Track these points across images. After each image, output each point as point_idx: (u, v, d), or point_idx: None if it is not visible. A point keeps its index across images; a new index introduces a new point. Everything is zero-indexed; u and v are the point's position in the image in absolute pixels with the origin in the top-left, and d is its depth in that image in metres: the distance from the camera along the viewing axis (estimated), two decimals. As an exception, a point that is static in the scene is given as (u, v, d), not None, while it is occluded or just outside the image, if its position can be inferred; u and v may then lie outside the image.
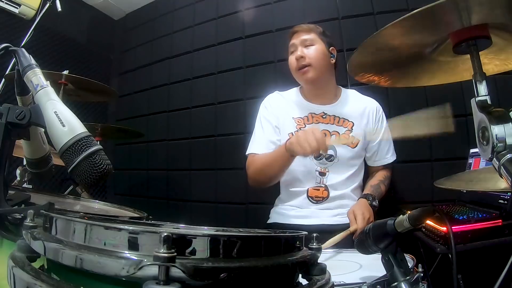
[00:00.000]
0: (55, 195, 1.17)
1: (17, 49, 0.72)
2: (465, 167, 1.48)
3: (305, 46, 1.49)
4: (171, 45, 2.71)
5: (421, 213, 0.71)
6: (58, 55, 2.55)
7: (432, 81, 0.86)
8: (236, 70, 2.35)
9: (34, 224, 0.50)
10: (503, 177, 0.56)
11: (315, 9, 2.15)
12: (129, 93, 2.91)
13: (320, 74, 1.50)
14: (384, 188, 1.50)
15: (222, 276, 0.38)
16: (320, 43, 1.50)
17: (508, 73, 0.81)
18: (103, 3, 2.92)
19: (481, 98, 0.63)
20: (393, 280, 0.72)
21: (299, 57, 1.47)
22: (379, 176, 1.54)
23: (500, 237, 1.07)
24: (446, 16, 0.61)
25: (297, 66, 1.49)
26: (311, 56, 1.47)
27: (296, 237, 0.51)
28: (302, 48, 1.49)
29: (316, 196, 1.48)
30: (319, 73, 1.49)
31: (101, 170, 0.64)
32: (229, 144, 2.27)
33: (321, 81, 1.52)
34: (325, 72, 1.52)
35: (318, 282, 0.48)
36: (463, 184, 0.99)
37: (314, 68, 1.47)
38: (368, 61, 0.78)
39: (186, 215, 2.40)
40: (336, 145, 1.48)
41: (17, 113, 0.66)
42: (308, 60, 1.47)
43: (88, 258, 0.39)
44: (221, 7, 2.50)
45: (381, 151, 1.56)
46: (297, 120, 1.54)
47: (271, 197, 1.68)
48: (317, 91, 1.56)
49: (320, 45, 1.50)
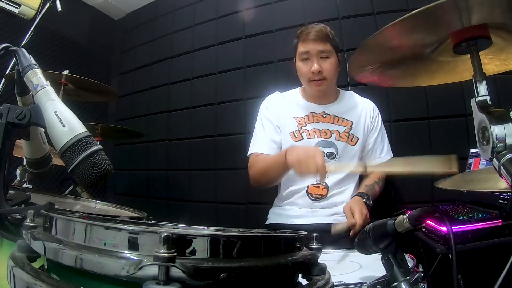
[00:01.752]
0: (55, 195, 1.17)
1: (17, 49, 0.72)
2: (465, 167, 1.48)
3: (320, 57, 1.48)
4: (171, 45, 2.71)
5: (421, 213, 0.71)
6: (58, 55, 2.55)
7: (432, 81, 0.86)
8: (236, 70, 2.35)
9: (34, 224, 0.50)
10: (503, 177, 0.56)
11: (315, 9, 2.15)
12: (129, 93, 2.91)
13: (332, 85, 1.56)
14: (379, 189, 1.51)
15: (222, 276, 0.38)
16: (334, 55, 1.50)
17: (508, 73, 0.81)
18: (103, 3, 2.92)
19: (481, 98, 0.62)
20: (393, 280, 0.72)
21: (316, 71, 1.46)
22: (374, 177, 1.54)
23: (500, 237, 1.07)
24: (446, 16, 0.61)
25: (312, 78, 1.49)
26: (327, 70, 1.48)
27: (296, 237, 0.51)
28: (319, 60, 1.47)
29: (315, 193, 1.49)
30: (331, 85, 1.55)
31: (101, 170, 0.64)
32: (229, 144, 2.28)
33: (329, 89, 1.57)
34: (334, 83, 1.57)
35: (318, 282, 0.48)
36: (463, 184, 0.99)
37: (329, 81, 1.51)
38: (368, 61, 0.78)
39: (186, 215, 2.40)
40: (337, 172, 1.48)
41: (17, 113, 0.66)
42: (325, 74, 1.48)
43: (88, 258, 0.39)
44: (221, 7, 2.50)
45: (375, 151, 1.58)
46: (298, 119, 1.56)
47: (271, 197, 1.68)
48: (319, 94, 1.58)
49: (334, 57, 1.50)
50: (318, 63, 1.46)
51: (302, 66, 1.52)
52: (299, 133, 1.54)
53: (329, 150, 1.50)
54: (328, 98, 1.60)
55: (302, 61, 1.51)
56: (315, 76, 1.48)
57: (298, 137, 1.53)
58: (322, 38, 1.47)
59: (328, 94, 1.60)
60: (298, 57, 1.53)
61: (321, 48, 1.47)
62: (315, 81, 1.49)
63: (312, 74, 1.48)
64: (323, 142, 1.51)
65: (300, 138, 1.53)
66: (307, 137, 1.53)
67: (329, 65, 1.48)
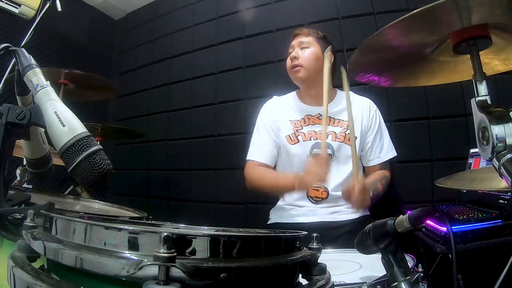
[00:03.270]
0: (55, 195, 1.17)
1: (17, 49, 0.72)
2: (465, 167, 1.48)
3: (301, 48, 1.56)
4: (171, 45, 2.71)
5: (421, 213, 0.71)
6: (58, 55, 2.55)
7: (432, 81, 0.86)
8: (236, 70, 2.35)
9: (34, 224, 0.50)
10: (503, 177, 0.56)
11: (315, 9, 2.15)
12: (129, 93, 2.91)
13: (311, 74, 1.55)
14: (381, 186, 1.48)
15: (222, 276, 0.38)
16: (316, 47, 1.56)
17: (508, 73, 0.81)
18: (103, 3, 2.92)
19: (481, 98, 0.63)
20: (393, 280, 0.72)
21: (292, 57, 1.55)
22: (376, 175, 1.53)
23: (500, 237, 1.07)
24: (446, 16, 0.61)
25: (291, 66, 1.56)
26: (303, 58, 1.54)
27: (296, 237, 0.51)
28: (298, 49, 1.56)
29: (315, 196, 1.49)
30: (310, 74, 1.55)
31: (101, 170, 0.64)
32: (229, 144, 2.28)
33: (313, 82, 1.56)
34: (316, 74, 1.54)
35: (318, 282, 0.48)
36: (464, 184, 0.99)
37: (305, 69, 1.54)
38: (368, 61, 0.78)
39: (186, 215, 2.40)
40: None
41: (17, 113, 0.66)
42: (300, 61, 1.54)
43: (88, 258, 0.39)
44: (221, 7, 2.50)
45: (374, 150, 1.56)
46: (293, 123, 1.57)
47: (271, 197, 1.68)
48: (311, 92, 1.59)
49: (315, 48, 1.55)
50: (296, 52, 1.55)
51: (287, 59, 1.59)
52: (295, 136, 1.54)
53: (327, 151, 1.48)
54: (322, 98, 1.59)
55: (289, 55, 1.59)
56: (292, 62, 1.55)
57: (294, 140, 1.54)
58: (305, 33, 1.58)
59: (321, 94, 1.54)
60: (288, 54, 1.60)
61: (302, 39, 1.57)
62: (292, 68, 1.55)
63: (290, 61, 1.56)
64: (319, 144, 1.50)
65: (296, 141, 1.54)
66: (303, 139, 1.53)
67: (306, 53, 1.54)
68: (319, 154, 1.41)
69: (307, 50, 1.55)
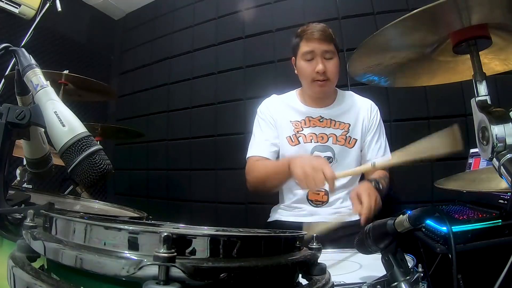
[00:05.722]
0: (55, 195, 1.17)
1: (17, 49, 0.72)
2: (465, 167, 1.47)
3: (325, 58, 1.46)
4: (171, 45, 2.71)
5: (421, 213, 0.71)
6: (58, 55, 2.55)
7: (432, 81, 0.86)
8: (236, 70, 2.35)
9: (34, 224, 0.50)
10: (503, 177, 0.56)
11: (315, 9, 2.15)
12: (129, 93, 2.91)
13: (333, 86, 1.54)
14: (384, 184, 1.43)
15: (222, 276, 0.38)
16: (336, 56, 1.49)
17: (508, 73, 0.81)
18: (103, 3, 2.92)
19: (481, 98, 0.63)
20: (393, 280, 0.72)
21: (321, 71, 1.44)
22: (377, 174, 1.51)
23: (500, 237, 1.07)
24: (446, 16, 0.61)
25: (316, 78, 1.46)
26: (331, 71, 1.46)
27: (296, 237, 0.51)
28: (323, 60, 1.45)
29: (316, 200, 1.48)
30: (333, 86, 1.54)
31: (101, 170, 0.64)
32: (229, 144, 2.28)
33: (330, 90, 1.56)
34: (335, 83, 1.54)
35: (318, 282, 0.48)
36: (464, 184, 0.99)
37: (331, 82, 1.49)
38: (368, 61, 0.78)
39: (186, 215, 2.40)
40: (346, 176, 1.46)
41: (17, 113, 0.66)
42: (328, 75, 1.46)
43: (88, 258, 0.39)
44: (221, 7, 2.50)
45: (371, 151, 1.53)
46: (294, 124, 1.54)
47: (271, 197, 1.68)
48: (320, 95, 1.56)
49: (337, 58, 1.49)
50: (323, 63, 1.44)
51: (305, 66, 1.48)
52: (296, 138, 1.52)
53: (326, 155, 1.48)
54: (326, 100, 1.57)
55: (306, 61, 1.48)
56: (319, 76, 1.45)
57: (295, 141, 1.52)
58: (327, 38, 1.46)
59: (327, 96, 1.57)
60: (301, 57, 1.49)
61: (325, 48, 1.45)
62: (319, 81, 1.46)
63: (316, 74, 1.45)
64: (320, 147, 1.49)
65: (296, 142, 1.51)
66: (304, 141, 1.51)
67: (332, 66, 1.46)
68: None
69: (332, 62, 1.46)
